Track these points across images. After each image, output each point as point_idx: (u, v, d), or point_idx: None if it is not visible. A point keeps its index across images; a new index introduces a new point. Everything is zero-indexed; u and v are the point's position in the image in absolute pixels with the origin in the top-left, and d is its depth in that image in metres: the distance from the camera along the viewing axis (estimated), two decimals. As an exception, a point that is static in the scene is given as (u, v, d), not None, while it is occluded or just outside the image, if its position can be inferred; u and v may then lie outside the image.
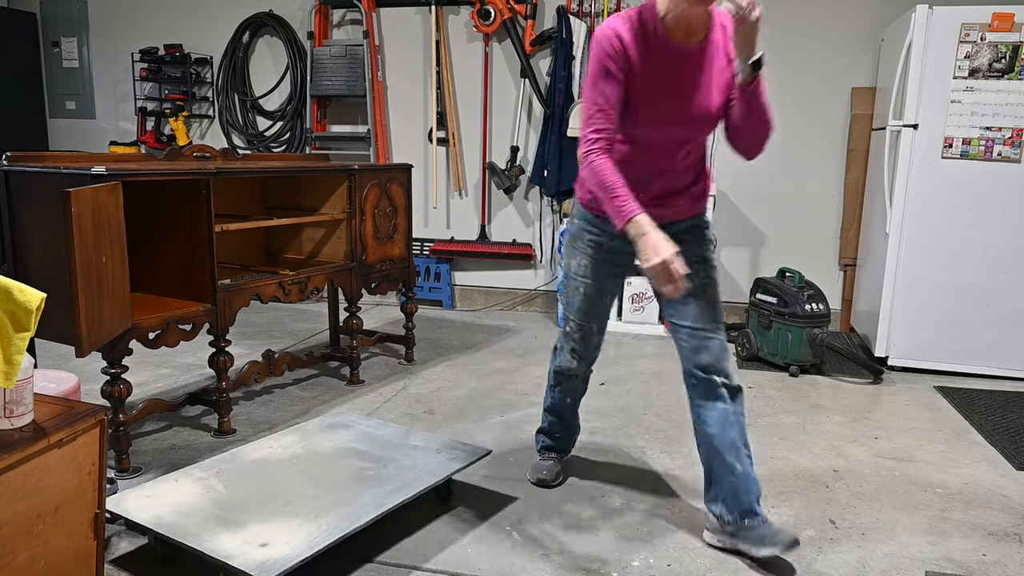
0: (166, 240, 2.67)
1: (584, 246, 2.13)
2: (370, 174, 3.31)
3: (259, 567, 1.65)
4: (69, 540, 1.52)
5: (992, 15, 3.38)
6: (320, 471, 2.16)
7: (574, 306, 2.17)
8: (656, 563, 1.95)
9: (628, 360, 3.84)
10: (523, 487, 2.37)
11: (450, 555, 1.97)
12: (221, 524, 1.84)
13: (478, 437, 2.75)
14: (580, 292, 2.14)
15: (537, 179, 4.69)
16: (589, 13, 4.55)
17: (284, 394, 3.21)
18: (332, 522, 1.86)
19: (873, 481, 2.47)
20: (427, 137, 4.98)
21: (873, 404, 3.23)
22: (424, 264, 5.02)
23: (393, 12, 4.92)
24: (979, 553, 2.03)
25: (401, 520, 2.15)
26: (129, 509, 1.90)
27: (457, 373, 3.55)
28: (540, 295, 4.94)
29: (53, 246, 2.22)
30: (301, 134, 5.13)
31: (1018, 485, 2.47)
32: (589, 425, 2.90)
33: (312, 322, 4.53)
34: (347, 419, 2.58)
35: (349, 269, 3.25)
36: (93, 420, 1.54)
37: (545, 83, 4.66)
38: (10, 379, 1.39)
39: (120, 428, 2.36)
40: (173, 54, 5.24)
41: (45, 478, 1.44)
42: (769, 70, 4.61)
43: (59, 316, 2.03)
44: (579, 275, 2.13)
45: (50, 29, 5.69)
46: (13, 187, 2.34)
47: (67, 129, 5.79)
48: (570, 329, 2.21)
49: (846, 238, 4.44)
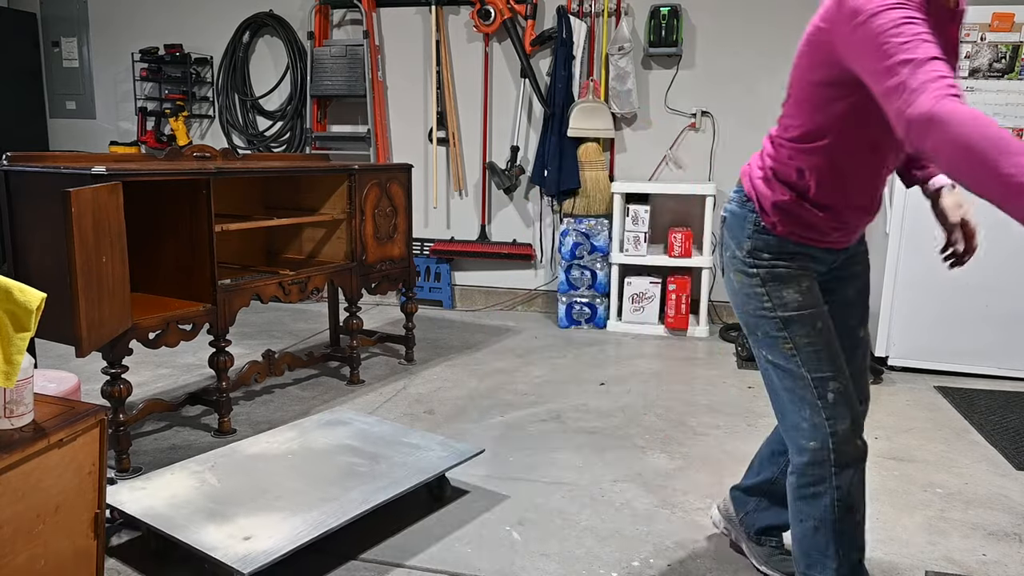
0: (166, 240, 2.67)
1: (796, 269, 1.56)
2: (370, 174, 3.31)
3: (241, 560, 1.67)
4: (69, 540, 1.52)
5: (992, 15, 3.38)
6: (313, 467, 2.17)
7: (818, 354, 1.52)
8: (656, 563, 1.95)
9: (628, 360, 3.84)
10: (522, 487, 2.37)
11: (449, 554, 1.97)
12: (210, 517, 1.86)
13: (478, 437, 2.75)
14: (816, 327, 1.53)
15: (537, 179, 4.69)
16: (589, 13, 4.55)
17: (284, 394, 3.21)
18: (317, 517, 1.87)
19: (873, 481, 2.47)
20: (427, 137, 4.98)
21: (873, 404, 3.23)
22: (424, 264, 5.02)
23: (393, 12, 4.92)
24: (979, 553, 2.03)
25: (392, 517, 2.15)
26: (123, 501, 1.92)
27: (457, 373, 3.55)
28: (540, 295, 4.94)
29: (53, 246, 2.22)
30: (301, 134, 5.13)
31: (1018, 485, 2.47)
32: (589, 425, 2.90)
33: (312, 322, 4.53)
34: (345, 416, 2.58)
35: (349, 269, 3.25)
36: (93, 420, 1.54)
37: (545, 83, 4.66)
38: (10, 379, 1.39)
39: (120, 428, 2.36)
40: (173, 54, 5.24)
41: (45, 478, 1.44)
42: (769, 70, 4.61)
43: (59, 316, 2.03)
44: (805, 306, 1.54)
45: (50, 29, 5.69)
46: (13, 187, 2.34)
47: (67, 129, 5.79)
48: (832, 393, 1.50)
49: (846, 238, 4.44)
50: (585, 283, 4.51)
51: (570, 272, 4.51)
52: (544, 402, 3.16)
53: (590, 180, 4.51)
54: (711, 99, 4.52)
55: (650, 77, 4.59)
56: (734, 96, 4.48)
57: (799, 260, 1.55)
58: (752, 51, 4.42)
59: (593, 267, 4.48)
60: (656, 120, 4.62)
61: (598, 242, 4.45)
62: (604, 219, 4.48)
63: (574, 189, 4.52)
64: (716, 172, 4.56)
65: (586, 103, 4.47)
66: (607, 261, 4.46)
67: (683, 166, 4.62)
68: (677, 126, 4.59)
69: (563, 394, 3.27)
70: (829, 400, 1.50)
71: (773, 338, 1.56)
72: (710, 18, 4.46)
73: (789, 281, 1.55)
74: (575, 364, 3.75)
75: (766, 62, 4.40)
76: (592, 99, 4.49)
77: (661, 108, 4.60)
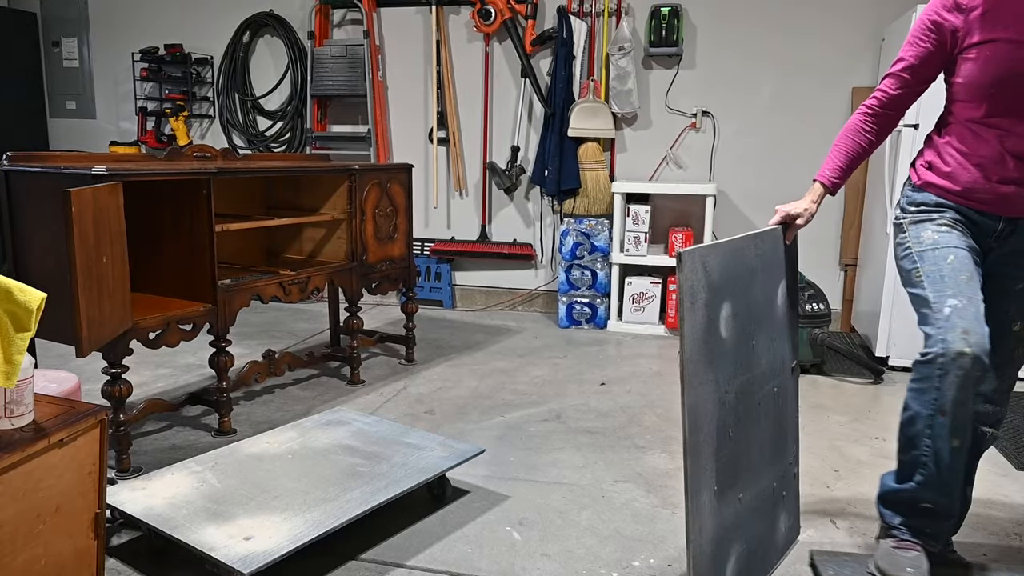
0: (166, 240, 2.67)
1: (937, 216, 1.79)
2: (370, 174, 3.31)
3: (241, 560, 1.67)
4: (69, 540, 1.52)
5: (993, 15, 3.37)
6: (313, 467, 2.17)
7: (943, 279, 1.68)
8: (656, 563, 1.95)
9: (628, 360, 3.84)
10: (523, 487, 2.37)
11: (450, 554, 1.97)
12: (210, 517, 1.86)
13: (478, 437, 2.75)
14: (947, 260, 1.70)
15: (537, 179, 4.69)
16: (589, 13, 4.55)
17: (284, 394, 3.21)
18: (317, 517, 1.87)
19: (874, 481, 2.47)
20: (427, 137, 4.98)
21: (874, 404, 3.23)
22: (424, 264, 5.02)
23: (393, 12, 4.92)
24: (979, 553, 2.03)
25: (392, 517, 2.15)
26: (123, 501, 1.92)
27: (458, 373, 3.55)
28: (541, 295, 4.94)
29: (54, 246, 2.22)
30: (301, 134, 5.13)
31: (1018, 485, 2.47)
32: (589, 425, 2.90)
33: (312, 322, 4.53)
34: (345, 416, 2.58)
35: (349, 269, 3.25)
36: (93, 420, 1.54)
37: (546, 83, 4.66)
38: (11, 379, 1.39)
39: (120, 428, 2.36)
40: (173, 54, 5.24)
41: (45, 478, 1.44)
42: (770, 70, 4.61)
43: (60, 316, 2.03)
44: (939, 244, 1.74)
45: (50, 29, 5.69)
46: (13, 187, 2.34)
47: (67, 129, 5.79)
48: (949, 308, 1.63)
49: (846, 238, 4.44)
50: (585, 283, 4.51)
51: (570, 272, 4.51)
52: (544, 402, 3.16)
53: (590, 180, 4.51)
54: (711, 99, 4.52)
55: (650, 77, 4.59)
56: (735, 96, 4.48)
57: (941, 212, 1.76)
58: (753, 51, 4.42)
59: (593, 267, 4.48)
60: (656, 120, 4.62)
61: (598, 242, 4.45)
62: (604, 219, 4.48)
63: (574, 189, 4.52)
64: (716, 172, 4.56)
65: (586, 103, 4.47)
66: (607, 261, 4.46)
67: (683, 166, 4.62)
68: (677, 126, 4.59)
69: (563, 394, 3.27)
70: (944, 314, 1.62)
71: (907, 271, 1.76)
72: (710, 18, 4.45)
73: (927, 224, 1.76)
74: (575, 364, 3.75)
75: (766, 62, 4.40)
76: (592, 99, 4.49)
77: (661, 108, 4.60)
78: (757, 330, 1.72)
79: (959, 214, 1.75)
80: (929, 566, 1.69)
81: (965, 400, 1.60)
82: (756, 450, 1.74)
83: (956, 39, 1.66)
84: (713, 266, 1.55)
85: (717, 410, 1.57)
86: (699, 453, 1.50)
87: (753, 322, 1.70)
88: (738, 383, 1.64)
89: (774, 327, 1.82)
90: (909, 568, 1.67)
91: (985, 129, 1.67)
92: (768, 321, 1.78)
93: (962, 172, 1.72)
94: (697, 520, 1.51)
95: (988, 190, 1.70)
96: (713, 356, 1.55)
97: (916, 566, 1.67)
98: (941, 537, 1.77)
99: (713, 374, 1.55)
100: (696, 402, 1.49)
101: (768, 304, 1.79)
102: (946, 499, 1.69)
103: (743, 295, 1.66)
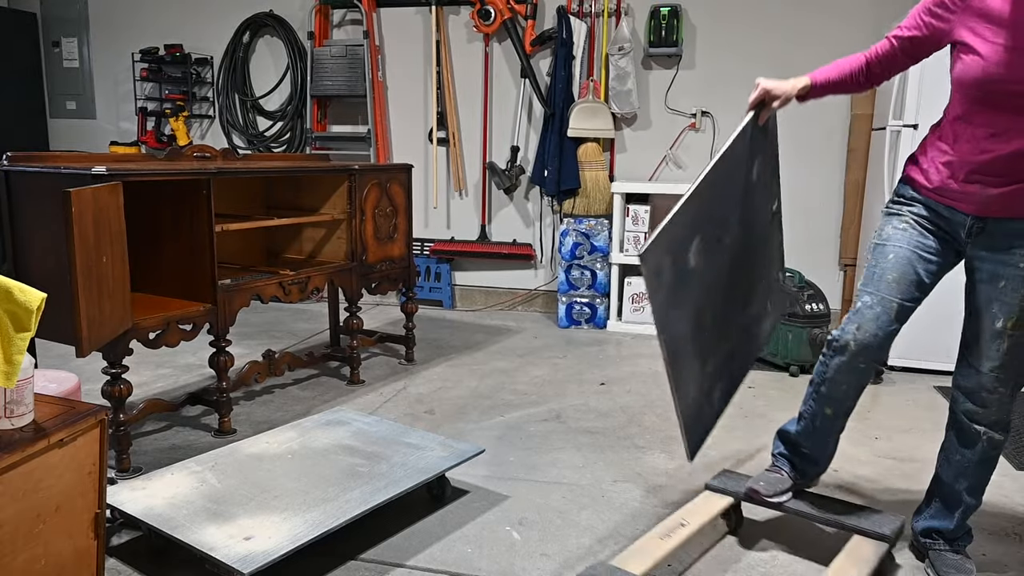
0: (166, 240, 2.68)
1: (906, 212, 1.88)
2: (370, 174, 3.31)
3: (241, 560, 1.67)
4: (69, 540, 1.52)
5: (992, 15, 3.37)
6: (312, 467, 2.17)
7: (871, 273, 1.85)
8: (656, 563, 1.95)
9: (628, 360, 3.84)
10: (522, 487, 2.37)
11: (450, 554, 1.98)
12: (210, 517, 1.86)
13: (478, 437, 2.75)
14: (887, 257, 1.84)
15: (537, 179, 4.69)
16: (589, 13, 4.55)
17: (284, 394, 3.21)
18: (317, 517, 1.88)
19: (873, 481, 2.47)
20: (427, 137, 4.98)
21: (873, 404, 3.23)
22: (424, 264, 5.02)
23: (393, 12, 4.92)
24: (979, 553, 2.03)
25: (392, 517, 2.15)
26: (123, 501, 1.92)
27: (457, 373, 3.55)
28: (540, 295, 4.94)
29: (54, 246, 2.22)
30: (301, 134, 5.13)
31: (1018, 485, 2.47)
32: (589, 425, 2.91)
33: (312, 322, 4.53)
34: (345, 416, 2.58)
35: (349, 269, 3.25)
36: (93, 420, 1.54)
37: (545, 83, 4.66)
38: (11, 379, 1.39)
39: (120, 428, 2.36)
40: (173, 54, 5.25)
41: (45, 478, 1.44)
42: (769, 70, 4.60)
43: (60, 316, 2.03)
44: (889, 239, 1.86)
45: (50, 29, 5.69)
46: (13, 187, 2.34)
47: (67, 129, 5.79)
48: (860, 303, 1.84)
49: (846, 238, 4.44)
50: (585, 283, 4.51)
51: (570, 272, 4.51)
52: (544, 402, 3.17)
53: (590, 180, 4.52)
54: (711, 99, 4.52)
55: (650, 77, 4.59)
56: (734, 96, 4.48)
57: (911, 206, 1.85)
58: (752, 51, 4.42)
59: (593, 267, 4.49)
60: (656, 120, 4.62)
61: (598, 242, 4.46)
62: (604, 219, 4.48)
63: (574, 189, 4.53)
64: (716, 172, 4.56)
65: (586, 103, 4.47)
66: (607, 261, 4.46)
67: (683, 166, 4.62)
68: (677, 126, 4.59)
69: (563, 394, 3.28)
70: (856, 307, 1.83)
71: (867, 262, 1.89)
72: (710, 18, 4.46)
73: (893, 218, 1.88)
74: (575, 364, 3.75)
75: (766, 62, 4.40)
76: (592, 99, 4.49)
77: (661, 108, 4.60)
78: (730, 225, 1.88)
79: (931, 210, 1.82)
80: (786, 490, 2.02)
81: (843, 381, 1.85)
82: (729, 306, 1.93)
83: (943, 34, 1.75)
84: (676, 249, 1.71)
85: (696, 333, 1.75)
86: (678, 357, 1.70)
87: (725, 230, 1.85)
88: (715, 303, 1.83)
89: (750, 206, 1.99)
90: (762, 482, 2.01)
91: (964, 128, 1.73)
92: (744, 208, 1.95)
93: (938, 169, 1.79)
94: (683, 387, 1.72)
95: (958, 188, 1.75)
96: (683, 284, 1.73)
97: (770, 483, 2.01)
98: (807, 475, 2.07)
99: (692, 307, 1.73)
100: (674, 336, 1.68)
101: (746, 195, 1.97)
102: (818, 448, 2.01)
103: (713, 225, 1.80)
